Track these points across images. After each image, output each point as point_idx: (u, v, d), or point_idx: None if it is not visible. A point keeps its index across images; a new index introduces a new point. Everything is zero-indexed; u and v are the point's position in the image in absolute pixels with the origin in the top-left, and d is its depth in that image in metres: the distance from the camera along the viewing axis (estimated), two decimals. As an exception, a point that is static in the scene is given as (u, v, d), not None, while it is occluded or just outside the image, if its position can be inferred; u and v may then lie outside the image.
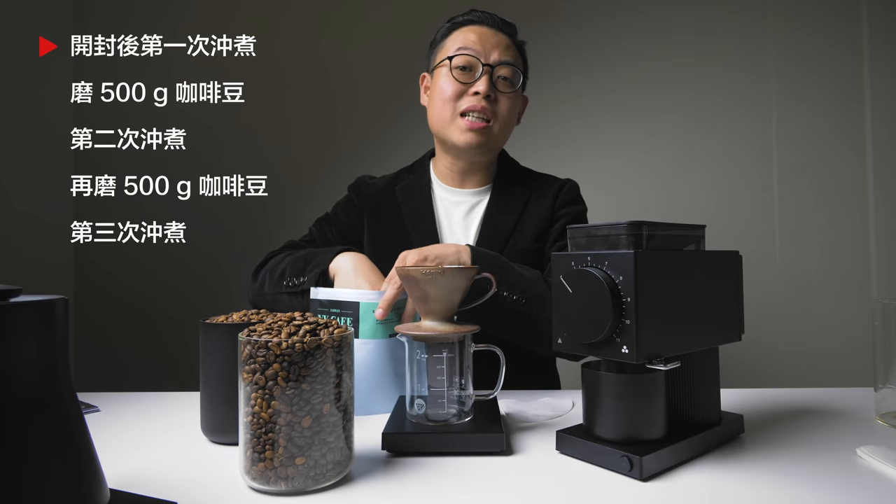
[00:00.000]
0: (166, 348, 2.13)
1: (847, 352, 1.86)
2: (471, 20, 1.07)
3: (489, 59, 1.03)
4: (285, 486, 0.50)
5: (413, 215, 1.10)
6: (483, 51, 1.03)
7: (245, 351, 0.51)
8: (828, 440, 0.64)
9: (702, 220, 0.68)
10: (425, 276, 0.63)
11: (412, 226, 1.09)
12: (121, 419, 0.78)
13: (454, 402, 0.65)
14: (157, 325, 2.18)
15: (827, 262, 1.98)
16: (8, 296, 0.39)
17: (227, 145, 2.15)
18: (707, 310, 0.61)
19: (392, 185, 1.14)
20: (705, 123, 2.06)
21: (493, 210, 1.08)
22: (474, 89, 1.02)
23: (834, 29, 2.01)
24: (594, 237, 0.58)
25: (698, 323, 0.60)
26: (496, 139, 1.06)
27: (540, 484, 0.53)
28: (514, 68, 1.05)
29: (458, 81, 1.03)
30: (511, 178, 1.13)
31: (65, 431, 0.40)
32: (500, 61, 1.03)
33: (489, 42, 1.04)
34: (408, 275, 0.64)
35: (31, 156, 1.89)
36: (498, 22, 1.07)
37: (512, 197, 1.09)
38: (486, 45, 1.03)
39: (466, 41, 1.04)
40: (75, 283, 2.17)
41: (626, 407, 0.56)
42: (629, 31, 2.10)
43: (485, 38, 1.04)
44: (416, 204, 1.10)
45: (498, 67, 1.03)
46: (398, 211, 1.11)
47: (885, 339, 0.67)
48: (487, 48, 1.03)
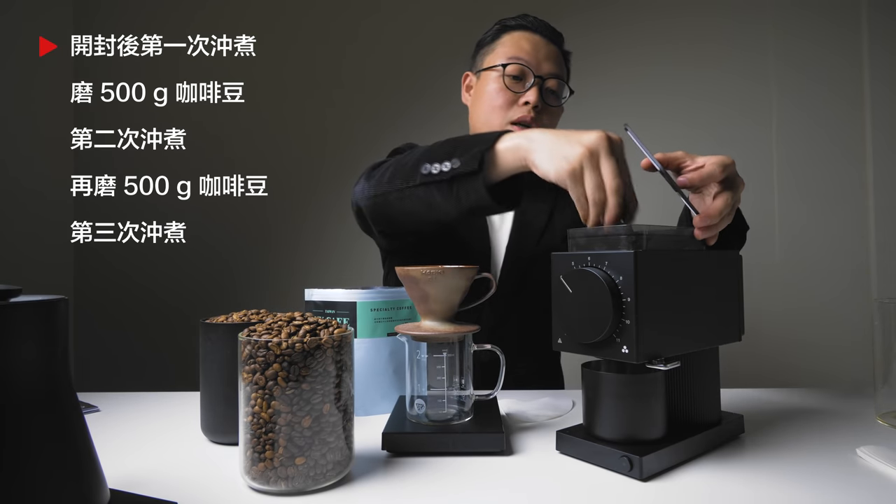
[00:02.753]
0: (166, 348, 2.13)
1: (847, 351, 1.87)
2: (523, 25, 1.05)
3: (541, 70, 1.01)
4: (285, 486, 0.50)
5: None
6: (535, 61, 1.02)
7: (245, 351, 0.51)
8: (828, 440, 0.64)
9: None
10: (425, 276, 0.63)
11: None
12: (121, 419, 0.78)
13: (454, 402, 0.65)
14: (157, 325, 2.18)
15: (827, 262, 1.98)
16: (8, 296, 0.39)
17: (227, 145, 2.15)
18: (707, 310, 0.61)
19: None
20: (705, 130, 2.05)
21: (524, 208, 1.07)
22: (524, 99, 1.01)
23: (834, 35, 2.01)
24: (594, 237, 0.59)
25: (698, 323, 0.60)
26: None
27: (540, 484, 0.53)
28: (561, 82, 1.04)
29: (509, 90, 1.02)
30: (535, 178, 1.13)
31: (65, 432, 0.40)
32: (551, 73, 1.02)
33: (541, 52, 1.02)
34: (407, 275, 0.64)
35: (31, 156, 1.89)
36: (550, 31, 1.05)
37: (539, 197, 1.09)
38: (539, 54, 1.02)
39: (519, 49, 1.02)
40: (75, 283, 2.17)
41: (626, 407, 0.56)
42: (629, 39, 2.10)
43: (537, 48, 1.03)
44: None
45: (548, 80, 1.02)
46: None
47: (885, 339, 0.67)
48: (539, 58, 1.02)
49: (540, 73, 1.01)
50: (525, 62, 1.01)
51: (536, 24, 1.05)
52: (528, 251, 1.04)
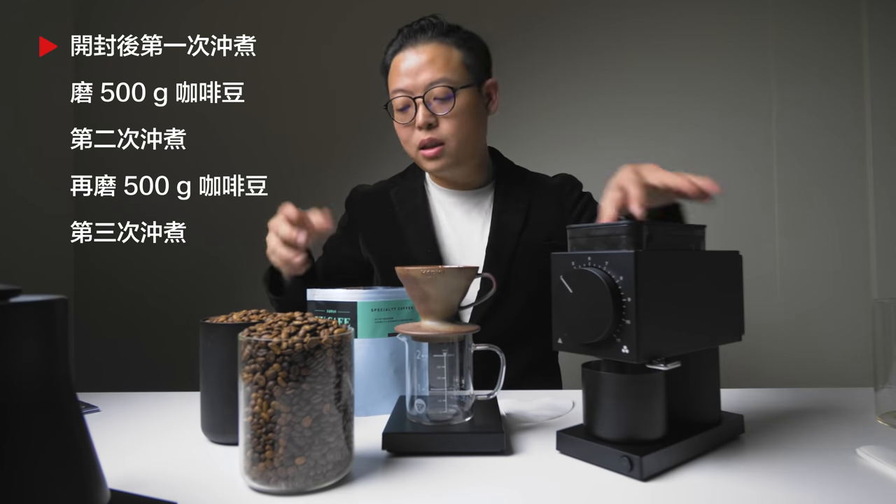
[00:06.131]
0: (166, 348, 2.13)
1: (847, 351, 1.87)
2: (397, 49, 1.04)
3: (418, 89, 1.00)
4: (285, 486, 0.50)
5: (408, 215, 1.11)
6: (412, 83, 1.00)
7: (245, 351, 0.51)
8: (828, 440, 0.64)
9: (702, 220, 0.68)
10: (425, 276, 0.63)
11: (407, 225, 1.09)
12: (121, 419, 0.78)
13: (454, 402, 0.65)
14: (157, 324, 2.18)
15: (827, 262, 1.98)
16: (8, 296, 0.39)
17: (227, 145, 2.15)
18: (707, 310, 0.61)
19: (387, 188, 1.16)
20: (705, 126, 2.06)
21: (501, 208, 1.08)
22: (416, 124, 1.01)
23: (834, 31, 2.01)
24: (594, 237, 0.58)
25: (698, 323, 0.60)
26: (458, 152, 1.03)
27: (540, 484, 0.53)
28: (443, 84, 1.00)
29: (402, 125, 1.04)
30: (510, 177, 1.14)
31: (65, 431, 0.40)
32: (429, 84, 1.00)
33: (413, 67, 1.00)
34: (408, 275, 0.64)
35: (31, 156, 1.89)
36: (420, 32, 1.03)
37: (515, 195, 1.10)
38: (412, 72, 1.00)
39: (397, 79, 1.02)
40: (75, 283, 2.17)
41: (626, 407, 0.56)
42: (628, 34, 2.10)
43: (410, 66, 1.01)
44: (412, 205, 1.12)
45: (429, 93, 1.00)
46: (393, 213, 1.12)
47: (885, 339, 0.67)
48: (414, 75, 1.00)
49: (418, 92, 1.00)
50: (403, 90, 1.01)
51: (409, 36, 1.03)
52: (507, 252, 1.05)
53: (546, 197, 1.11)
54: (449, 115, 1.01)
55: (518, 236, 1.06)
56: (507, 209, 1.08)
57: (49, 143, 1.89)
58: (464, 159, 1.06)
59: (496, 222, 1.07)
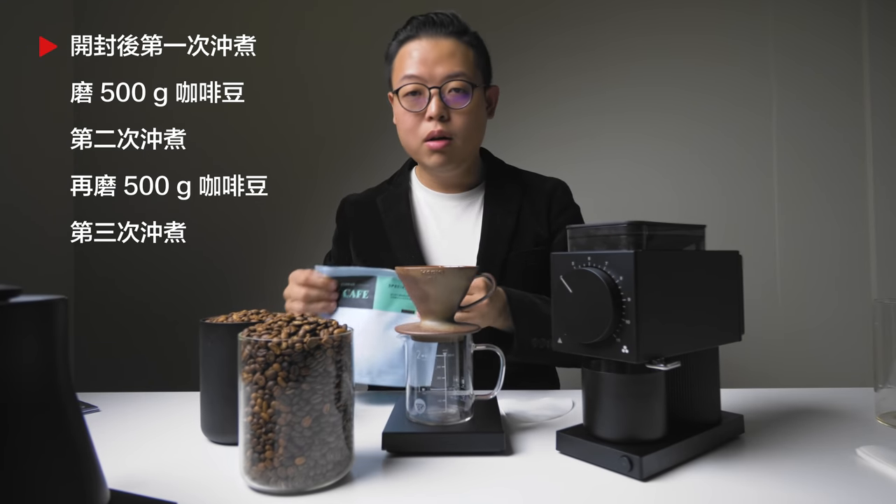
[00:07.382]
0: (166, 348, 2.13)
1: (847, 352, 1.87)
2: (410, 35, 1.03)
3: (435, 80, 0.99)
4: (285, 486, 0.50)
5: (393, 223, 1.10)
6: (427, 72, 0.99)
7: (245, 351, 0.51)
8: (828, 440, 0.64)
9: (702, 219, 0.68)
10: (425, 276, 0.63)
11: (392, 233, 1.09)
12: (121, 419, 0.78)
13: (454, 402, 0.65)
14: (157, 324, 2.18)
15: (827, 261, 1.98)
16: (8, 296, 0.39)
17: (227, 145, 2.15)
18: (707, 310, 0.61)
19: (374, 196, 1.15)
20: (705, 122, 2.05)
21: (492, 212, 1.07)
22: (428, 114, 1.00)
23: (834, 27, 2.01)
24: (594, 237, 0.58)
25: (698, 323, 0.60)
26: (462, 151, 1.04)
27: (540, 484, 0.53)
28: (462, 79, 1.00)
29: (411, 112, 1.02)
30: (501, 178, 1.13)
31: (65, 432, 0.40)
32: (447, 76, 0.99)
33: (431, 57, 1.00)
34: (408, 275, 0.64)
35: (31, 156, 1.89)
36: (438, 25, 1.02)
37: (506, 197, 1.09)
38: (429, 61, 1.00)
39: (410, 65, 1.00)
40: (75, 283, 2.17)
41: (626, 407, 0.56)
42: (628, 30, 2.10)
43: (426, 55, 1.00)
44: (397, 212, 1.10)
45: (445, 84, 1.00)
46: (380, 221, 1.11)
47: (885, 339, 0.67)
48: (431, 65, 0.99)
49: (433, 82, 0.99)
50: (416, 78, 1.00)
51: (424, 25, 1.02)
52: (499, 257, 1.05)
53: (536, 199, 1.10)
54: (463, 111, 1.01)
55: (509, 242, 1.05)
56: (498, 212, 1.07)
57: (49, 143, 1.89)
58: (464, 158, 1.06)
59: (487, 228, 1.06)
